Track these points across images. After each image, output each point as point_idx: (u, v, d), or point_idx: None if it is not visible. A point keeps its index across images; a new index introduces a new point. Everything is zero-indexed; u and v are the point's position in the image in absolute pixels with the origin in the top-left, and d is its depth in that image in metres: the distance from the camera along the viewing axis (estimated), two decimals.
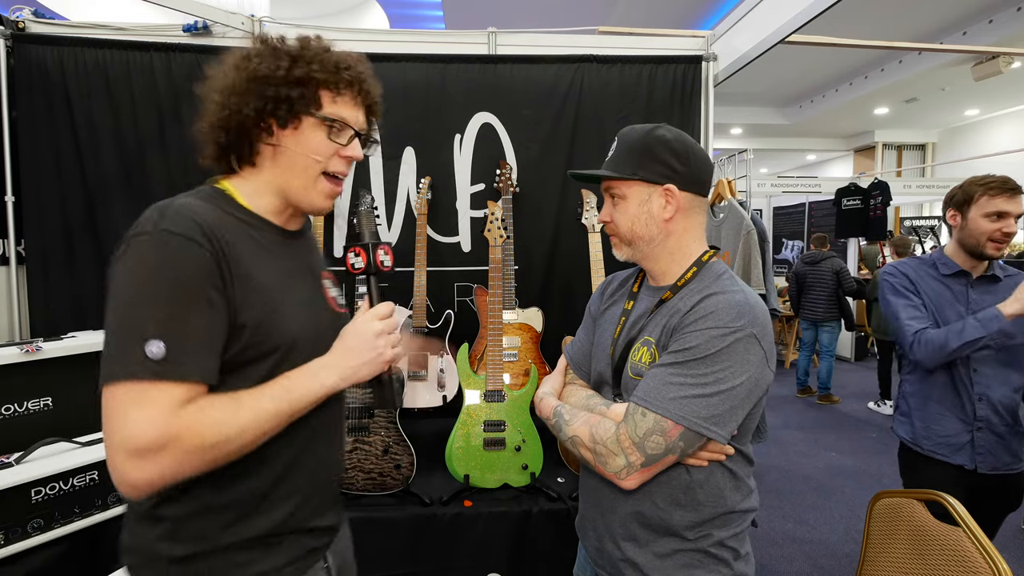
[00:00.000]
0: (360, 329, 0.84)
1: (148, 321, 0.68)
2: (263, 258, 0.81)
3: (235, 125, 0.81)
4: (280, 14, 2.76)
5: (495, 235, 1.98)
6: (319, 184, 0.85)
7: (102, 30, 2.16)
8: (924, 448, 1.63)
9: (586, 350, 1.12)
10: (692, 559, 0.92)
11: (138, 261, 0.70)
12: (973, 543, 1.07)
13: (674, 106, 2.32)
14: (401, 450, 1.83)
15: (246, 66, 0.80)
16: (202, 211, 0.75)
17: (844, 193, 6.38)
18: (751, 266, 2.19)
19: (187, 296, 0.70)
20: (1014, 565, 1.11)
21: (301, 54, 0.81)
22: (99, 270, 2.11)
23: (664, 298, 0.96)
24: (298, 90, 0.79)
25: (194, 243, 0.71)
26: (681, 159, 0.94)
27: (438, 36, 2.47)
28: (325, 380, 0.80)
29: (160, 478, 0.68)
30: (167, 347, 0.68)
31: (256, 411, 0.73)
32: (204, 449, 0.69)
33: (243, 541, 0.79)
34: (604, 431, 0.90)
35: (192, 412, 0.69)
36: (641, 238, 0.97)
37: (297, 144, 0.82)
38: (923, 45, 4.22)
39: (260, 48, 0.82)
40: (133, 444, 0.66)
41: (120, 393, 0.67)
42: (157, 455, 0.66)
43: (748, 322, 0.85)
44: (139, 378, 0.67)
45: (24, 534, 1.42)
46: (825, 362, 5.17)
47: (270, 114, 0.80)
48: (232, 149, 0.84)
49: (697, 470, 0.91)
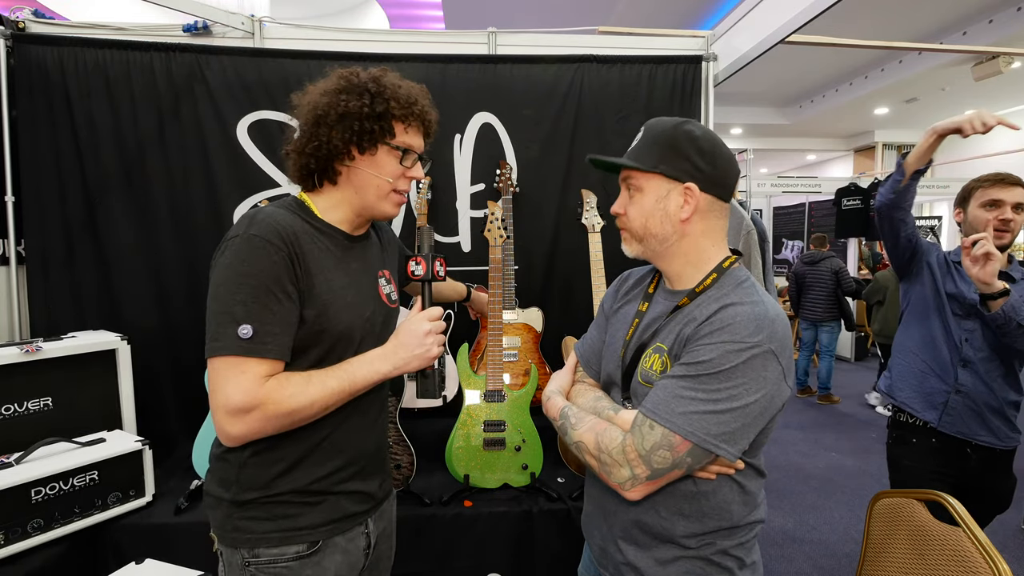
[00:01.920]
0: (413, 328, 0.99)
1: (239, 307, 0.85)
2: (328, 260, 0.96)
3: (324, 153, 0.96)
4: (280, 14, 2.76)
5: (495, 235, 1.98)
6: (391, 197, 1.01)
7: (102, 30, 2.16)
8: (897, 398, 1.70)
9: (597, 348, 1.08)
10: (694, 567, 0.90)
11: (232, 258, 0.87)
12: (973, 543, 1.07)
13: (674, 106, 2.32)
14: (401, 450, 1.83)
15: (336, 103, 0.94)
16: (283, 219, 0.91)
17: (844, 193, 6.38)
18: (751, 266, 2.19)
19: (268, 289, 0.86)
20: (1014, 565, 1.11)
21: (380, 91, 0.95)
22: (99, 270, 2.11)
23: (681, 304, 0.91)
24: (378, 124, 0.95)
25: (274, 246, 0.87)
26: (707, 158, 0.88)
27: (438, 36, 2.47)
28: (380, 368, 0.96)
29: (250, 432, 0.86)
30: (254, 330, 0.84)
31: (323, 388, 0.90)
32: (281, 415, 0.87)
33: (289, 492, 0.95)
34: (610, 440, 0.87)
35: (273, 384, 0.86)
36: (654, 236, 0.92)
37: (371, 167, 0.98)
38: (923, 45, 4.22)
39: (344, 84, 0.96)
40: (230, 404, 0.84)
41: (220, 364, 0.85)
42: (247, 415, 0.84)
43: (766, 337, 0.80)
44: (233, 353, 0.84)
45: (24, 534, 1.42)
46: (825, 362, 5.17)
47: (354, 143, 0.95)
48: (317, 171, 0.99)
49: (704, 481, 0.88)
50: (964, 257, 1.46)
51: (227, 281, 0.86)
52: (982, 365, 1.58)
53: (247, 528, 0.94)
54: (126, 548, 1.61)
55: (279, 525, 0.95)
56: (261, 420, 0.85)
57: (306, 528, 0.96)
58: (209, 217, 2.15)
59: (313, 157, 0.97)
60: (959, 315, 1.61)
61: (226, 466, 0.96)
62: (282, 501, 0.95)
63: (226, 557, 0.97)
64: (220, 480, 0.96)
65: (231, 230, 0.90)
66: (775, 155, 10.82)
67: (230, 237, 0.89)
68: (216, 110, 2.13)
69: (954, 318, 1.62)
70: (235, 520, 0.94)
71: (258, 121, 2.17)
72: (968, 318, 1.60)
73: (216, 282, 0.87)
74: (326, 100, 0.95)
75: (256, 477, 0.94)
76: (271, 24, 2.28)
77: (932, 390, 1.64)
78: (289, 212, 0.95)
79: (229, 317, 0.84)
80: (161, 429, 2.04)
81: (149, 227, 2.13)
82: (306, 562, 0.96)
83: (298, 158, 0.98)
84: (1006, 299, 1.44)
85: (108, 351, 1.82)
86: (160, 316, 2.15)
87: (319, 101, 0.96)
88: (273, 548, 0.94)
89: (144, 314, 2.13)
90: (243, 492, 0.94)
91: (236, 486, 0.94)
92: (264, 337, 0.85)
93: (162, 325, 2.14)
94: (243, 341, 0.84)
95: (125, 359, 1.85)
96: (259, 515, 0.94)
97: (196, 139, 2.13)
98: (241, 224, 0.90)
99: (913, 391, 1.68)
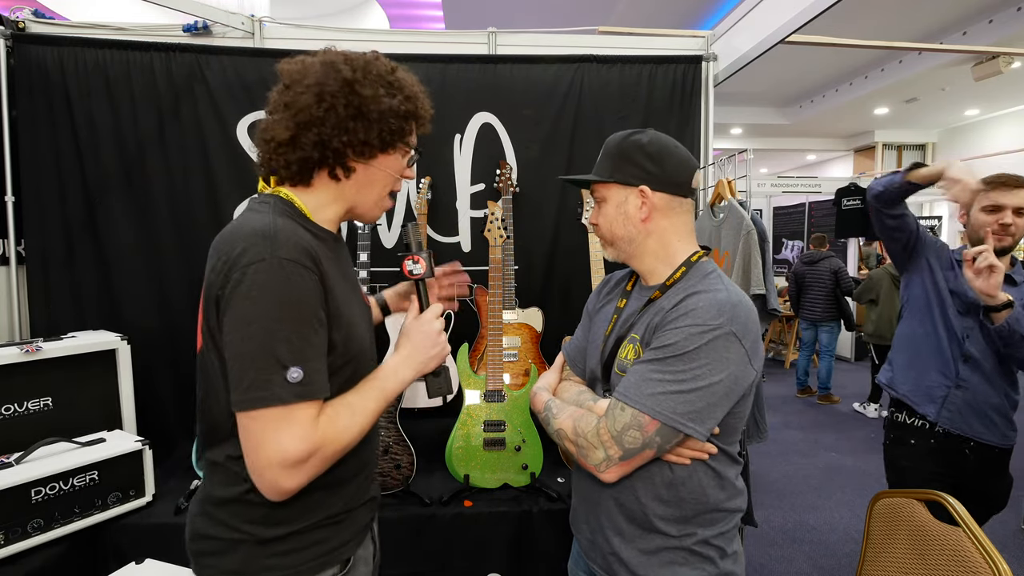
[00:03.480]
0: (426, 328, 0.94)
1: (283, 347, 0.74)
2: (332, 270, 0.85)
3: (339, 145, 0.84)
4: (280, 14, 2.76)
5: (495, 235, 1.98)
6: (384, 201, 0.96)
7: (102, 30, 2.16)
8: (898, 391, 1.70)
9: (582, 347, 1.15)
10: (677, 556, 0.94)
11: (262, 288, 0.74)
12: (973, 543, 1.07)
13: (674, 106, 2.32)
14: (401, 450, 1.83)
15: (370, 95, 0.84)
16: (300, 234, 0.80)
17: (844, 193, 6.37)
18: (751, 266, 2.18)
19: (308, 320, 0.77)
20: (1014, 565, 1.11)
21: (408, 92, 0.89)
22: (99, 270, 2.11)
23: (653, 297, 0.98)
24: (407, 123, 0.89)
25: (307, 269, 0.77)
26: (655, 160, 0.97)
27: (438, 36, 2.47)
28: (405, 376, 0.91)
29: (308, 480, 0.78)
30: (303, 371, 0.75)
31: (366, 413, 0.84)
32: (338, 452, 0.80)
33: (320, 520, 0.88)
34: (585, 425, 0.93)
35: (325, 424, 0.78)
36: (620, 238, 1.00)
37: (384, 166, 0.91)
38: (923, 45, 4.22)
39: (376, 80, 0.85)
40: (289, 458, 0.74)
41: (269, 415, 0.74)
42: (306, 464, 0.76)
43: (728, 320, 0.86)
44: (285, 402, 0.74)
45: (24, 534, 1.43)
46: (824, 362, 5.16)
47: (382, 140, 0.87)
48: (321, 165, 0.87)
49: (679, 467, 0.92)
50: (966, 270, 1.46)
51: (263, 316, 0.73)
52: (985, 361, 1.58)
53: (279, 565, 0.85)
54: (126, 548, 1.61)
55: (314, 552, 0.87)
56: (320, 464, 0.78)
57: (338, 548, 0.91)
58: (209, 217, 2.15)
59: (329, 151, 0.84)
60: (960, 311, 1.61)
61: (244, 508, 0.84)
62: (316, 527, 0.87)
63: None
64: (233, 522, 0.84)
65: (244, 253, 0.75)
66: (775, 155, 10.82)
67: (248, 263, 0.74)
68: (216, 110, 2.13)
69: (956, 313, 1.61)
70: (263, 560, 0.84)
71: (258, 121, 2.16)
72: (968, 314, 1.59)
73: (244, 318, 0.73)
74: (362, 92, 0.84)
75: (288, 511, 0.84)
76: (271, 24, 2.28)
77: (933, 384, 1.63)
78: (291, 220, 0.83)
79: (272, 360, 0.73)
80: (161, 429, 2.04)
81: (149, 227, 2.13)
82: None
83: (302, 152, 0.84)
84: (1010, 311, 1.44)
85: (108, 351, 1.82)
86: (160, 316, 2.15)
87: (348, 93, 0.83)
88: None
89: (144, 314, 2.13)
90: (270, 529, 0.84)
91: (261, 526, 0.84)
92: (313, 376, 0.76)
93: (162, 325, 2.15)
94: (296, 387, 0.74)
95: (125, 359, 1.85)
96: (293, 548, 0.85)
97: (196, 139, 2.13)
98: (257, 245, 0.75)
99: (913, 384, 1.67)
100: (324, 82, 0.83)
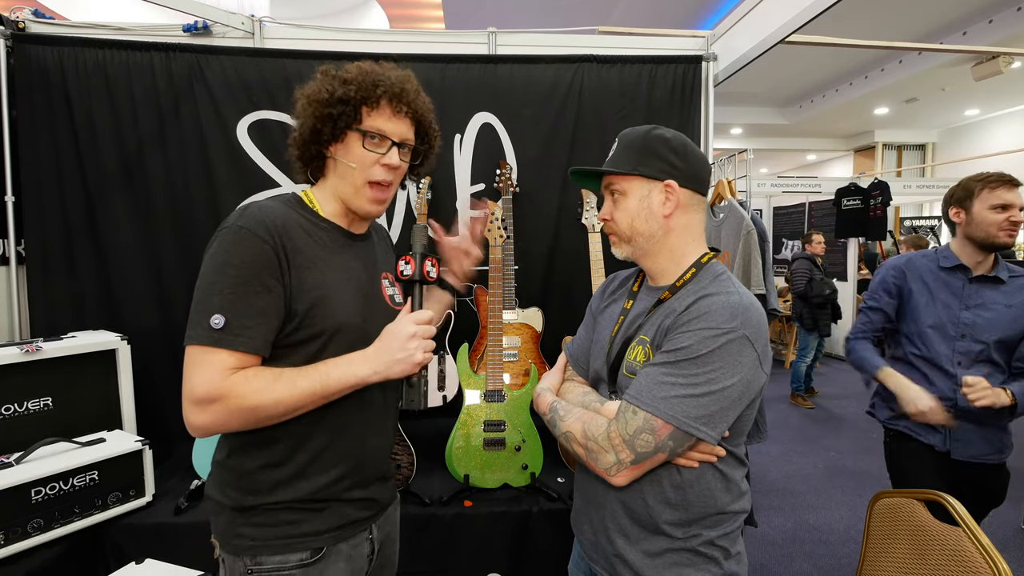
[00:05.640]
0: (396, 330, 0.94)
1: (216, 297, 0.84)
2: (323, 254, 0.95)
3: (301, 143, 0.97)
4: (280, 14, 2.76)
5: (495, 235, 1.98)
6: (365, 191, 0.97)
7: (102, 30, 2.16)
8: (899, 425, 1.69)
9: (585, 347, 1.13)
10: (682, 558, 0.93)
11: (217, 249, 0.87)
12: (973, 543, 1.07)
13: (674, 106, 2.32)
14: (401, 450, 1.83)
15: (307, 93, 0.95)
16: (274, 212, 0.91)
17: (844, 193, 6.36)
18: (751, 266, 2.19)
19: (248, 280, 0.85)
20: (1014, 565, 1.11)
21: (345, 76, 0.94)
22: (99, 270, 2.11)
23: (662, 298, 0.96)
24: (339, 108, 0.92)
25: (259, 238, 0.86)
26: (680, 156, 0.96)
27: (438, 36, 2.47)
28: (358, 371, 0.91)
29: (213, 424, 0.85)
30: (226, 321, 0.83)
31: (291, 387, 0.86)
32: (244, 409, 0.84)
33: (291, 501, 0.93)
34: (596, 428, 0.92)
35: (238, 378, 0.84)
36: (641, 234, 0.97)
37: (344, 155, 0.95)
38: (923, 45, 4.22)
39: (320, 76, 0.96)
40: (194, 394, 0.83)
41: (191, 353, 0.85)
42: (209, 406, 0.83)
43: (741, 323, 0.85)
44: (203, 343, 0.83)
45: (24, 534, 1.42)
46: (796, 363, 5.06)
47: (322, 132, 0.94)
48: (306, 163, 0.99)
49: (688, 470, 0.91)
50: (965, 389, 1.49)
51: (210, 271, 0.86)
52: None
53: (250, 535, 0.92)
54: (126, 548, 1.61)
55: (282, 532, 0.93)
56: (224, 413, 0.83)
57: (310, 535, 0.94)
58: (209, 217, 2.15)
59: (297, 148, 0.98)
60: (953, 336, 1.60)
61: (228, 472, 0.95)
62: (285, 507, 0.93)
63: (228, 564, 0.95)
64: (222, 486, 0.95)
65: (223, 222, 0.90)
66: (775, 155, 10.82)
67: (220, 229, 0.89)
68: (216, 110, 2.13)
69: (947, 339, 1.61)
70: (237, 527, 0.93)
71: (258, 121, 2.17)
72: (961, 339, 1.59)
73: (201, 272, 0.87)
74: (305, 92, 0.96)
75: (259, 484, 0.93)
76: (271, 24, 2.28)
77: None
78: (284, 206, 0.94)
79: (205, 306, 0.84)
80: (161, 429, 2.03)
81: (149, 227, 2.13)
82: (309, 570, 0.94)
83: (291, 151, 1.00)
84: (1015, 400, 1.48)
85: (108, 351, 1.82)
86: (160, 316, 2.15)
87: (299, 95, 0.97)
88: (276, 555, 0.92)
89: (144, 314, 2.13)
90: (245, 498, 0.92)
91: (237, 492, 0.93)
92: (236, 329, 0.84)
93: (162, 325, 2.15)
94: (213, 331, 0.83)
95: (125, 359, 1.85)
96: (262, 522, 0.92)
97: (196, 139, 2.13)
98: (232, 216, 0.90)
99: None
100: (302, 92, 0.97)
